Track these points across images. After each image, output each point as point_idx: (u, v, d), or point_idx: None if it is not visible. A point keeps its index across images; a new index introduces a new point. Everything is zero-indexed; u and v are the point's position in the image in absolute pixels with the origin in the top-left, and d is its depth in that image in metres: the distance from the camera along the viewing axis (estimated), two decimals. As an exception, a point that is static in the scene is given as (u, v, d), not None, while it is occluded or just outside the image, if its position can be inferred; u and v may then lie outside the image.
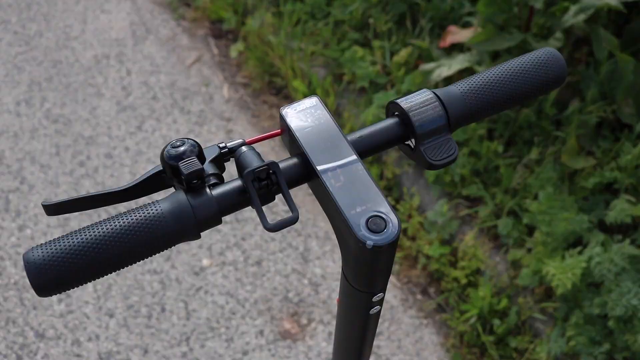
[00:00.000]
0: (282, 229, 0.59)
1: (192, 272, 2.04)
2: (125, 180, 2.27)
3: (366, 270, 0.60)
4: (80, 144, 2.38)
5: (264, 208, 0.60)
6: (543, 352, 1.72)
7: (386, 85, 2.32)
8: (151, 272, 2.04)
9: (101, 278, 0.61)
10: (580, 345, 1.63)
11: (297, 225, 2.14)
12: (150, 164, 2.32)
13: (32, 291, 1.53)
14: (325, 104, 0.69)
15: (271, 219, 2.14)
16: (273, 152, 2.35)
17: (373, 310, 0.68)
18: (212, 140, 2.39)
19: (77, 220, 2.12)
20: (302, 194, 2.24)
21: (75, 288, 0.61)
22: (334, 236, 2.13)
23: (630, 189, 1.80)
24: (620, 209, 1.68)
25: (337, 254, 2.09)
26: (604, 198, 1.83)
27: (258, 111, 2.51)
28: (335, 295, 1.99)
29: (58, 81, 2.61)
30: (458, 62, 2.01)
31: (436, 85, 2.02)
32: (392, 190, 2.18)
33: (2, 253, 2.07)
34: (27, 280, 1.98)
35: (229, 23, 2.78)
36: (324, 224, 2.16)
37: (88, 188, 2.24)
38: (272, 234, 2.11)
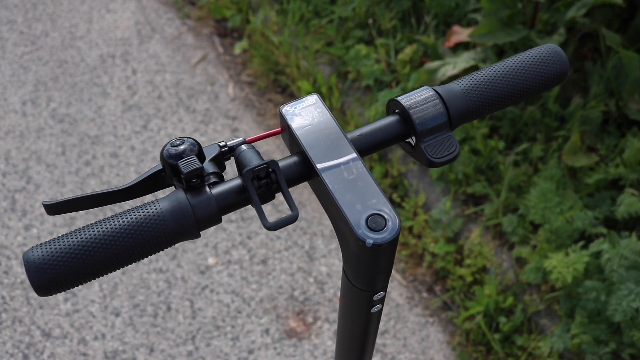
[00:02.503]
0: (282, 227, 0.58)
1: (197, 270, 2.04)
2: (131, 179, 2.27)
3: (366, 268, 0.60)
4: (86, 144, 2.39)
5: (265, 206, 0.59)
6: (546, 347, 1.71)
7: (391, 83, 2.32)
8: (157, 271, 2.04)
9: (103, 276, 0.61)
10: (585, 344, 1.62)
11: (302, 224, 2.14)
12: (156, 163, 2.32)
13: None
14: (325, 102, 0.69)
15: (273, 212, 2.14)
16: (279, 151, 2.35)
17: (374, 309, 0.68)
18: (217, 139, 2.39)
19: (84, 220, 2.13)
20: (307, 192, 2.24)
21: (76, 287, 0.61)
22: (339, 234, 2.13)
23: (635, 184, 1.79)
24: (628, 203, 1.67)
25: (343, 252, 2.08)
26: (609, 194, 1.82)
27: (263, 109, 2.51)
28: (341, 294, 1.99)
29: (64, 81, 2.61)
30: (463, 60, 2.00)
31: (442, 84, 2.02)
32: (397, 188, 2.18)
33: (9, 252, 2.08)
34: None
35: (234, 21, 2.78)
36: (330, 222, 2.16)
37: (94, 187, 2.24)
38: (277, 232, 2.11)
